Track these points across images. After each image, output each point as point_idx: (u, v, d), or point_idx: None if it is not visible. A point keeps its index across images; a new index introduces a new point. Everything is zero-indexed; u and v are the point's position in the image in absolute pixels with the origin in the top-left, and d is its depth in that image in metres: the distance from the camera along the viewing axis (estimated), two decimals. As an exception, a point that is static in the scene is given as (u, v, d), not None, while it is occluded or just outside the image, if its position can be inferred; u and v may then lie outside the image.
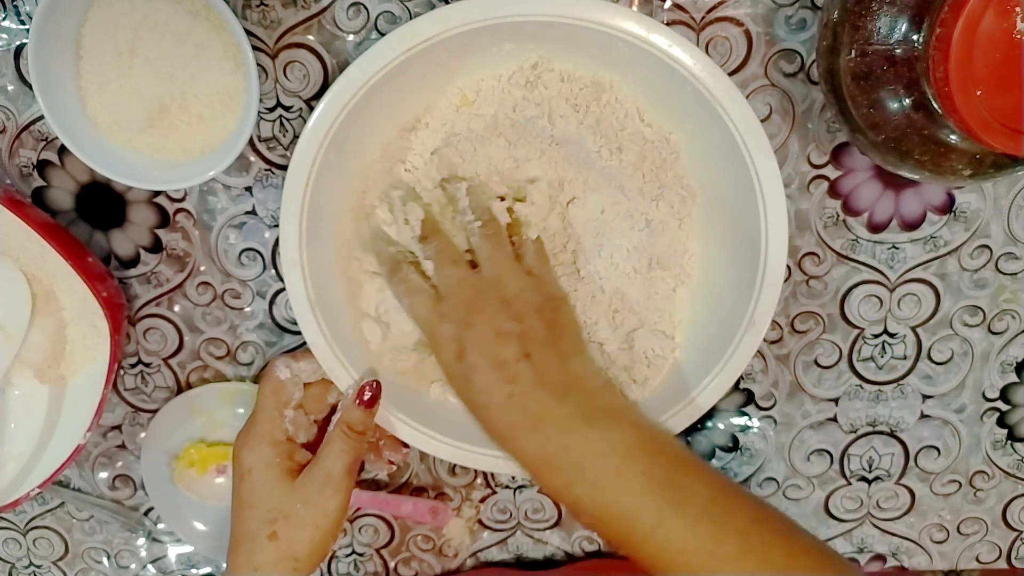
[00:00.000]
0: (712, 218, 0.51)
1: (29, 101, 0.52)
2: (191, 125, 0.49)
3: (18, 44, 0.51)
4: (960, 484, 0.61)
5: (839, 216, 0.54)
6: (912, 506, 0.62)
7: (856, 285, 0.56)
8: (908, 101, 0.41)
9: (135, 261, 0.56)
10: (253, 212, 0.54)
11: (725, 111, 0.45)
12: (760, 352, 0.57)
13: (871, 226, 0.54)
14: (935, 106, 0.39)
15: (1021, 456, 0.61)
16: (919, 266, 0.55)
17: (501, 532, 0.63)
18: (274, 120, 0.52)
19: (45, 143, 0.53)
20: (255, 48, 0.50)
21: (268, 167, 0.53)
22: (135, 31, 0.47)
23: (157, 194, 0.54)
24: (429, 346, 0.48)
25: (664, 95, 0.48)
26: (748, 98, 0.49)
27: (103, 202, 0.55)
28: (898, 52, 0.40)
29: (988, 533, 0.63)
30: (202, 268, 0.56)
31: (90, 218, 0.55)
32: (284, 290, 0.56)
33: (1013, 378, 0.59)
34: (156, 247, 0.56)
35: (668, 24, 0.49)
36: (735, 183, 0.47)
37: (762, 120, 0.48)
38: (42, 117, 0.52)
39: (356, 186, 0.50)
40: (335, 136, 0.46)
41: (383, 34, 0.49)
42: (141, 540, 0.64)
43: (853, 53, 0.42)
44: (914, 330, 0.57)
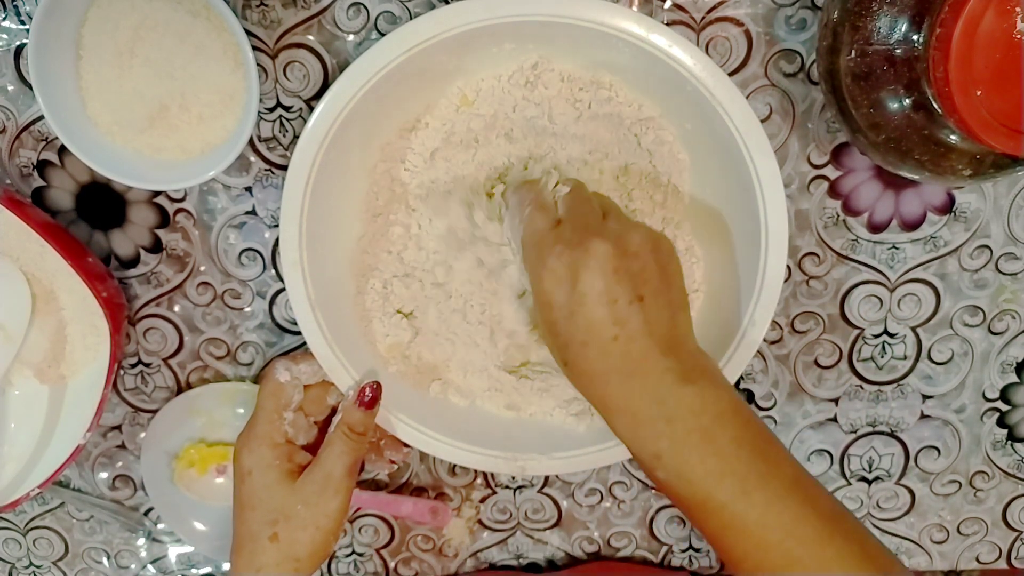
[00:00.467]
0: (712, 218, 0.51)
1: (29, 101, 0.52)
2: (191, 125, 0.49)
3: (18, 44, 0.51)
4: (960, 484, 0.61)
5: (839, 216, 0.54)
6: (912, 506, 0.62)
7: (856, 285, 0.56)
8: (908, 101, 0.41)
9: (135, 261, 0.56)
10: (253, 212, 0.54)
11: (725, 111, 0.45)
12: (760, 352, 0.57)
13: (871, 226, 0.54)
14: (935, 106, 0.39)
15: (1021, 456, 0.61)
16: (919, 266, 0.55)
17: (501, 532, 0.63)
18: (274, 120, 0.52)
19: (45, 143, 0.53)
20: (255, 48, 0.50)
21: (268, 167, 0.53)
22: (135, 31, 0.47)
23: (157, 194, 0.54)
24: (530, 270, 0.44)
25: (664, 95, 0.48)
26: (748, 98, 0.49)
27: (103, 202, 0.55)
28: (898, 52, 0.40)
29: (988, 533, 0.63)
30: (202, 268, 0.56)
31: (90, 218, 0.55)
32: (284, 290, 0.56)
33: (1013, 378, 0.59)
34: (156, 247, 0.56)
35: (668, 24, 0.49)
36: (735, 183, 0.47)
37: (762, 120, 0.48)
38: (42, 117, 0.52)
39: (356, 186, 0.50)
40: (335, 136, 0.46)
41: (383, 34, 0.49)
42: (141, 540, 0.64)
43: (853, 53, 0.42)
44: (914, 330, 0.57)
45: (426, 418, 0.52)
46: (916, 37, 0.39)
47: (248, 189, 0.54)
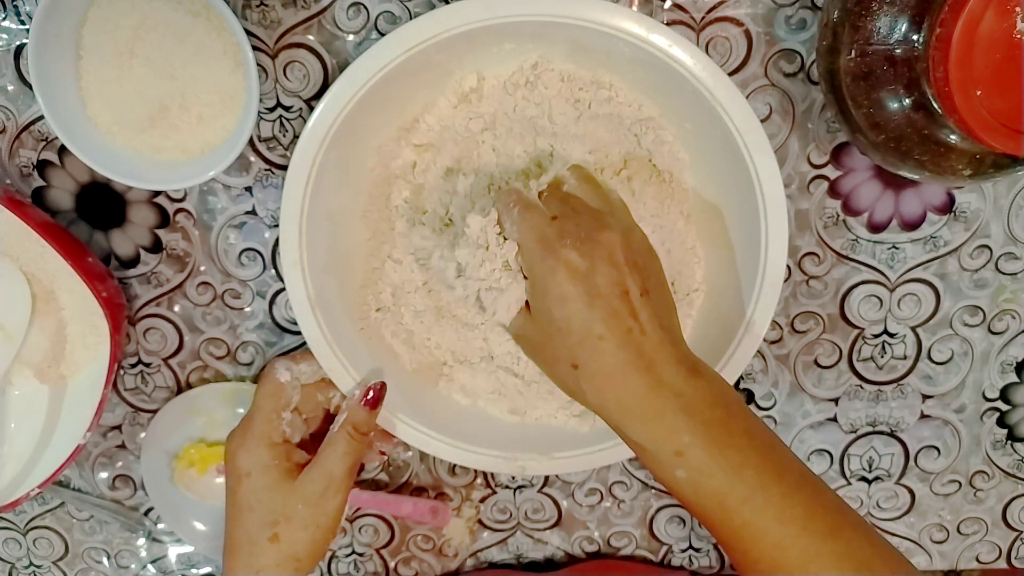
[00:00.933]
0: (712, 218, 0.51)
1: (29, 101, 0.52)
2: (191, 125, 0.49)
3: (18, 44, 0.51)
4: (960, 484, 0.61)
5: (839, 216, 0.54)
6: (912, 506, 0.62)
7: (856, 285, 0.56)
8: (908, 101, 0.41)
9: (135, 261, 0.56)
10: (253, 212, 0.54)
11: (725, 111, 0.45)
12: (760, 352, 0.57)
13: (871, 226, 0.54)
14: (935, 106, 0.39)
15: (1021, 456, 0.61)
16: (919, 266, 0.55)
17: (501, 532, 0.63)
18: (274, 120, 0.52)
19: (45, 143, 0.53)
20: (255, 48, 0.50)
21: (268, 167, 0.53)
22: (135, 31, 0.47)
23: (157, 194, 0.54)
24: (537, 267, 0.42)
25: (664, 95, 0.48)
26: (748, 98, 0.49)
27: (103, 202, 0.55)
28: (898, 52, 0.40)
29: (988, 533, 0.63)
30: (202, 268, 0.56)
31: (90, 218, 0.55)
32: (284, 290, 0.56)
33: (1013, 378, 0.59)
34: (156, 247, 0.56)
35: (668, 24, 0.49)
36: (735, 183, 0.47)
37: (762, 120, 0.48)
38: (42, 117, 0.52)
39: (356, 186, 0.50)
40: (335, 136, 0.46)
41: (383, 34, 0.49)
42: (141, 540, 0.64)
43: (853, 53, 0.42)
44: (914, 330, 0.57)
45: (426, 418, 0.52)
46: (916, 37, 0.39)
47: (248, 189, 0.54)
